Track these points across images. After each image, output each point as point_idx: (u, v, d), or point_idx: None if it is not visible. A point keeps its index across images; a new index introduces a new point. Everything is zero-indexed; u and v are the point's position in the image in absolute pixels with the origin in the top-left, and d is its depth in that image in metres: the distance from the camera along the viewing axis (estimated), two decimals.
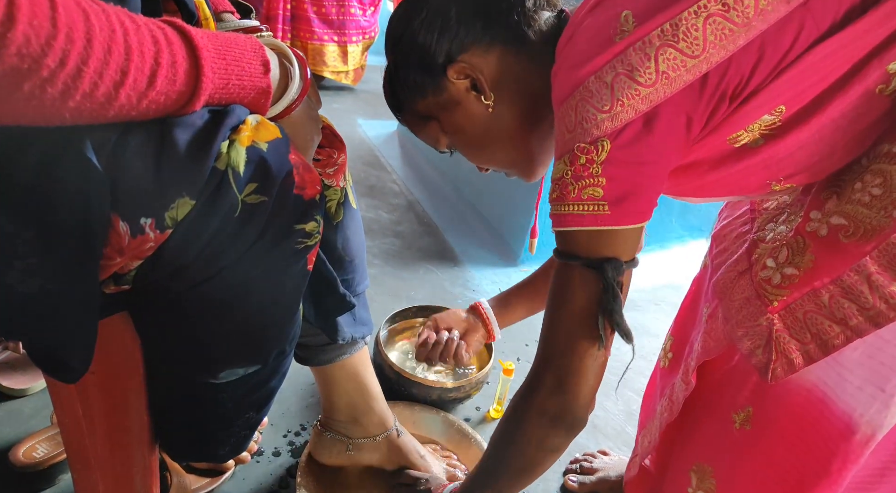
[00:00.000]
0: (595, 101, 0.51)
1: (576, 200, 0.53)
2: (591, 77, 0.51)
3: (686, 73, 0.49)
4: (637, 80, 0.49)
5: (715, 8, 0.47)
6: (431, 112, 0.69)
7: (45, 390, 1.01)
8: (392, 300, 1.47)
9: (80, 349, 0.48)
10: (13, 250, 0.43)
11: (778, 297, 0.56)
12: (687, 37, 0.48)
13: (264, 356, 0.60)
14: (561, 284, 0.57)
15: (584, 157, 0.52)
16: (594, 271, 0.54)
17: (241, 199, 0.48)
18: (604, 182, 0.52)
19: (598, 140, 0.51)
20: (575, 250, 0.55)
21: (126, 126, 0.43)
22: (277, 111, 0.53)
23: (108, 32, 0.36)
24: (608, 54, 0.51)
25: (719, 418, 0.66)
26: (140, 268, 0.48)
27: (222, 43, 0.45)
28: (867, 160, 0.52)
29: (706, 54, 0.48)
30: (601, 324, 0.54)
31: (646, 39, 0.49)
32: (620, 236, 0.54)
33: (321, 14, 2.92)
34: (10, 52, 0.31)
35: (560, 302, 0.57)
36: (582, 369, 0.56)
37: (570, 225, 0.54)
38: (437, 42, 0.63)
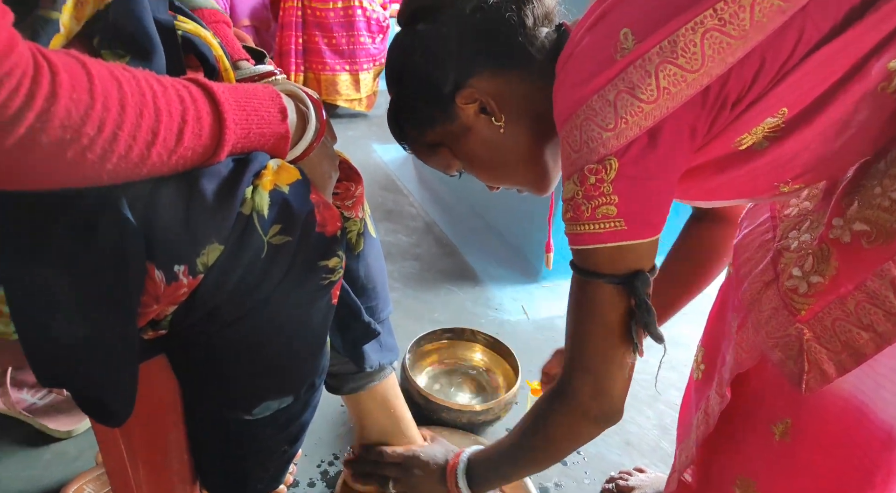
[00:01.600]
0: (599, 119, 0.52)
1: (590, 219, 0.54)
2: (594, 96, 0.52)
3: (687, 88, 0.49)
4: (639, 97, 0.50)
5: (711, 23, 0.47)
6: (441, 140, 0.69)
7: (89, 431, 1.04)
8: (415, 323, 1.49)
9: (122, 395, 0.50)
10: (57, 302, 0.45)
11: (805, 306, 0.56)
12: (685, 52, 0.48)
13: (296, 390, 0.62)
14: (588, 299, 0.58)
15: (593, 177, 0.53)
16: (623, 287, 0.55)
17: (267, 240, 0.51)
18: (616, 200, 0.52)
19: (605, 159, 0.52)
20: (597, 267, 0.56)
21: (157, 180, 0.45)
22: (297, 154, 0.55)
23: (139, 97, 0.39)
24: (610, 73, 0.51)
25: (759, 430, 0.65)
26: (175, 313, 0.50)
27: (242, 95, 0.48)
28: (885, 165, 0.52)
29: (705, 68, 0.49)
30: (635, 333, 0.56)
31: (646, 57, 0.49)
32: (641, 249, 0.55)
33: (332, 45, 2.99)
34: (54, 125, 0.34)
35: (589, 317, 0.58)
36: (618, 373, 0.58)
37: (588, 243, 0.55)
38: (442, 71, 0.64)
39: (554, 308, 1.62)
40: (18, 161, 0.35)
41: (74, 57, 0.37)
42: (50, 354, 0.47)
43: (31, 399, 1.06)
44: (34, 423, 1.02)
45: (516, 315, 1.58)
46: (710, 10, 0.47)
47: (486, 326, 1.49)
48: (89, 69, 0.36)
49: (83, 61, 0.36)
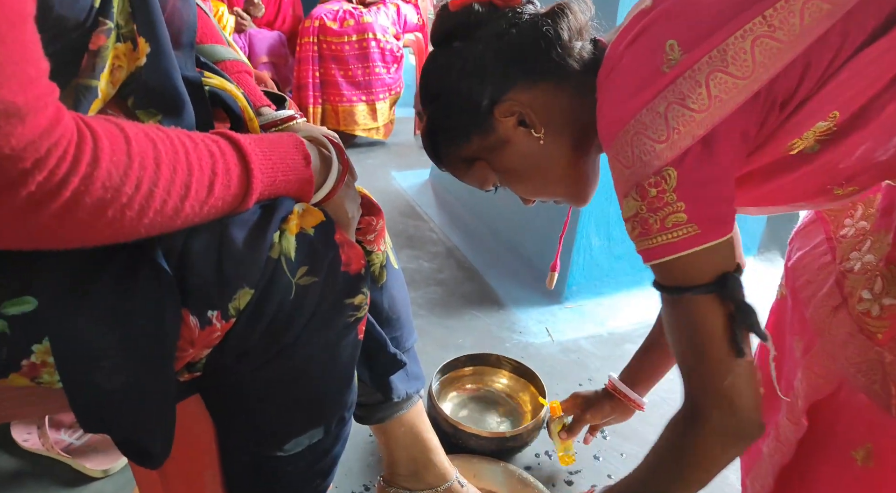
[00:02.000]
0: (651, 132, 0.52)
1: (661, 230, 0.53)
2: (643, 109, 0.52)
3: (738, 95, 0.50)
4: (690, 107, 0.50)
5: (761, 30, 0.48)
6: (479, 154, 0.69)
7: (124, 470, 1.06)
8: (441, 350, 1.49)
9: (161, 437, 0.52)
10: (99, 351, 0.47)
11: (881, 329, 0.55)
12: (736, 60, 0.49)
13: (326, 425, 0.63)
14: (684, 317, 0.56)
15: (654, 189, 0.52)
16: (716, 294, 0.54)
17: (295, 282, 0.52)
18: (683, 206, 0.52)
19: (662, 170, 0.52)
20: (683, 279, 0.54)
21: (190, 230, 0.48)
22: (321, 197, 0.57)
23: (172, 154, 0.41)
24: (658, 85, 0.51)
25: (838, 457, 0.63)
26: (209, 356, 0.52)
27: (267, 145, 0.50)
28: None
29: (755, 74, 0.49)
30: (741, 339, 0.54)
31: (695, 67, 0.50)
32: (720, 250, 0.53)
33: (348, 77, 3.06)
34: (96, 186, 0.37)
35: (692, 335, 0.56)
36: (741, 383, 0.55)
37: (665, 255, 0.54)
38: (479, 86, 0.64)
39: (578, 330, 1.61)
40: (63, 221, 0.37)
41: (113, 122, 0.39)
42: (93, 401, 0.49)
43: (68, 439, 1.09)
44: (72, 463, 1.05)
45: (541, 338, 1.57)
46: (760, 18, 0.48)
47: (510, 350, 1.49)
48: (126, 133, 0.39)
49: (121, 126, 0.39)
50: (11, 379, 0.48)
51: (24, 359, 0.47)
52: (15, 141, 0.32)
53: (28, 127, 0.33)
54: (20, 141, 0.33)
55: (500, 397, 1.29)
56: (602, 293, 1.76)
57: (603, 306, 1.73)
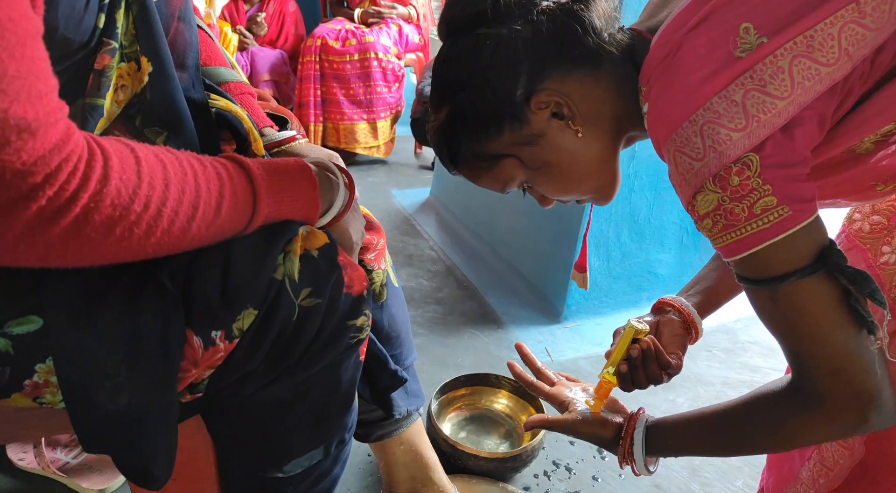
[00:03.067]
0: (726, 120, 0.49)
1: (750, 218, 0.50)
2: (715, 97, 0.49)
3: (820, 82, 0.48)
4: (772, 93, 0.48)
5: (851, 16, 0.46)
6: (508, 150, 0.63)
7: (120, 490, 1.05)
8: (440, 369, 1.49)
9: (162, 458, 0.52)
10: (103, 372, 0.48)
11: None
12: (823, 46, 0.47)
13: (326, 447, 0.63)
14: (793, 306, 0.52)
15: (736, 178, 0.49)
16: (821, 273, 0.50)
17: (298, 303, 0.53)
18: (770, 189, 0.49)
19: (742, 157, 0.49)
20: (780, 266, 0.51)
21: (195, 252, 0.48)
22: (326, 222, 0.58)
23: (181, 176, 0.42)
24: (733, 71, 0.49)
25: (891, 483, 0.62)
26: (212, 376, 0.52)
27: (274, 169, 0.51)
28: None
29: (840, 62, 0.47)
30: (863, 311, 0.50)
31: (777, 53, 0.47)
32: (812, 229, 0.51)
33: (349, 96, 3.09)
34: (105, 204, 0.37)
35: (807, 323, 0.52)
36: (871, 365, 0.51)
37: (759, 243, 0.50)
38: (513, 75, 0.59)
39: (577, 350, 1.61)
40: (72, 238, 0.38)
41: (123, 142, 0.40)
42: (95, 422, 0.49)
43: (64, 458, 1.08)
44: (68, 482, 1.04)
45: (540, 358, 1.56)
46: (853, 4, 0.46)
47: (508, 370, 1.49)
48: (136, 152, 0.40)
49: (131, 146, 0.40)
50: (14, 399, 0.48)
51: (26, 379, 0.47)
52: (26, 156, 0.33)
53: (39, 142, 0.34)
54: (31, 156, 0.33)
55: (499, 418, 1.28)
56: (601, 313, 1.76)
57: (602, 326, 1.72)
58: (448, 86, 0.63)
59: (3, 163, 0.32)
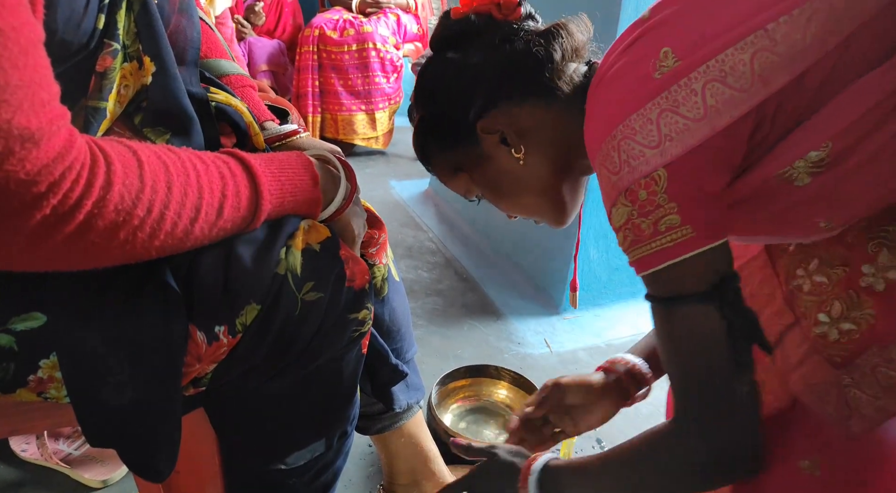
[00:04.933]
0: (640, 137, 0.50)
1: (654, 235, 0.51)
2: (633, 115, 0.51)
3: (734, 107, 0.48)
4: (684, 115, 0.49)
5: (762, 43, 0.47)
6: (462, 165, 0.69)
7: (123, 481, 1.06)
8: (440, 361, 1.50)
9: (166, 452, 0.52)
10: (107, 367, 0.48)
11: (839, 353, 0.54)
12: (734, 72, 0.48)
13: (328, 439, 0.64)
14: (678, 329, 0.53)
15: (644, 191, 0.51)
16: (712, 303, 0.51)
17: (300, 298, 0.53)
18: (676, 208, 0.50)
19: (650, 173, 0.50)
20: (676, 288, 0.52)
21: (197, 248, 0.48)
22: (327, 215, 0.58)
23: (184, 177, 0.42)
24: (649, 91, 0.50)
25: (786, 464, 0.63)
26: (215, 371, 0.53)
27: (277, 166, 0.51)
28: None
29: (754, 88, 0.48)
30: (741, 346, 0.51)
31: (691, 75, 0.49)
32: (716, 255, 0.51)
33: (348, 87, 3.07)
34: (109, 209, 0.37)
35: (687, 349, 0.52)
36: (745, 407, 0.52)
37: (660, 262, 0.51)
38: (468, 99, 0.64)
39: (577, 341, 1.61)
40: (76, 244, 0.38)
41: (125, 144, 0.40)
42: (100, 416, 0.49)
43: (67, 449, 1.09)
44: (70, 473, 1.05)
45: (539, 349, 1.58)
46: (762, 31, 0.47)
47: (509, 361, 1.50)
48: (139, 156, 0.40)
49: (133, 149, 0.40)
50: (19, 394, 0.49)
51: (31, 374, 0.47)
52: (30, 165, 0.33)
53: (42, 151, 0.33)
54: (35, 165, 0.33)
55: (499, 409, 1.29)
56: (600, 305, 1.77)
57: (601, 318, 1.73)
58: (420, 96, 0.70)
59: (7, 173, 0.32)
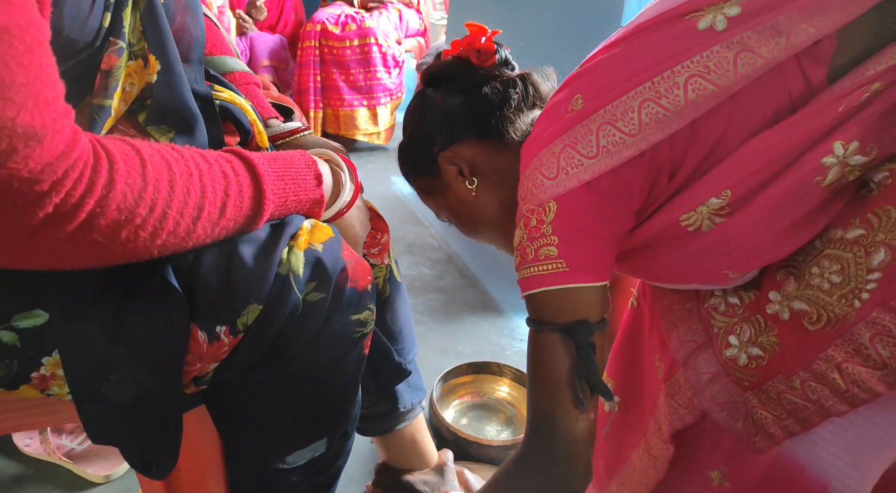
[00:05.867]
0: (544, 169, 0.55)
1: (534, 261, 0.55)
2: (543, 150, 0.55)
3: (625, 149, 0.52)
4: (581, 151, 0.53)
5: (649, 94, 0.51)
6: (429, 189, 0.77)
7: (125, 477, 1.07)
8: (441, 357, 1.50)
9: (168, 449, 0.52)
10: (108, 365, 0.48)
11: (748, 379, 0.56)
12: (624, 117, 0.52)
13: (329, 439, 0.64)
14: (535, 351, 0.58)
15: (534, 219, 0.55)
16: (566, 335, 0.55)
17: (303, 298, 0.53)
18: (556, 241, 0.54)
19: (545, 202, 0.55)
20: (544, 314, 0.56)
21: (199, 248, 0.48)
22: (330, 215, 0.58)
23: (187, 176, 0.42)
24: (559, 130, 0.55)
25: (697, 475, 0.66)
26: (216, 370, 0.53)
27: (280, 165, 0.51)
28: (820, 243, 0.53)
29: (643, 134, 0.51)
30: (579, 386, 0.55)
31: (591, 117, 0.53)
32: (585, 295, 0.55)
33: (349, 82, 3.06)
34: (111, 208, 0.37)
35: (538, 369, 0.57)
36: (570, 435, 0.56)
37: (534, 287, 0.56)
38: (434, 133, 0.72)
39: None
40: (78, 243, 0.38)
41: (128, 143, 0.40)
42: (102, 413, 0.49)
43: (69, 444, 1.09)
44: (73, 468, 1.05)
45: None
46: (649, 82, 0.51)
47: (511, 357, 1.50)
48: (142, 154, 0.39)
49: (136, 147, 0.40)
50: (21, 391, 0.49)
51: (34, 371, 0.48)
52: (33, 164, 0.33)
53: (46, 149, 0.33)
54: (38, 163, 0.33)
55: (501, 406, 1.29)
56: None
57: None
58: (404, 124, 0.78)
59: (10, 171, 0.32)
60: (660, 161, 0.53)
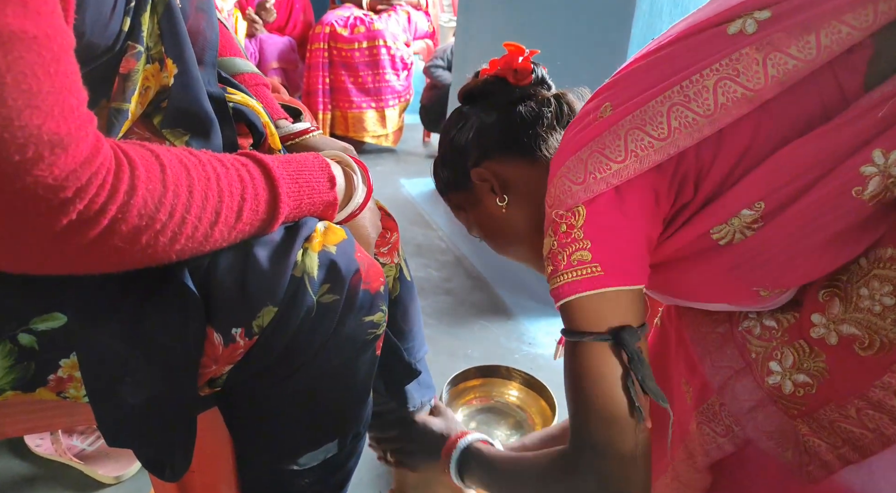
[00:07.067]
0: (572, 175, 0.54)
1: (567, 267, 0.54)
2: (571, 157, 0.55)
3: (654, 154, 0.52)
4: (608, 156, 0.53)
5: (678, 98, 0.50)
6: (461, 204, 0.78)
7: (136, 477, 1.07)
8: (450, 360, 1.50)
9: (181, 451, 0.52)
10: (124, 366, 0.48)
11: (796, 408, 0.54)
12: (653, 122, 0.51)
13: (341, 440, 0.64)
14: (579, 364, 0.55)
15: (564, 224, 0.54)
16: (611, 343, 0.53)
17: (317, 300, 0.53)
18: (589, 245, 0.53)
19: (574, 207, 0.54)
20: (582, 323, 0.54)
21: (215, 251, 0.48)
22: (343, 217, 0.58)
23: (204, 181, 0.42)
24: (587, 137, 0.55)
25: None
26: (230, 372, 0.53)
27: (295, 168, 0.51)
28: (867, 263, 0.51)
29: (672, 138, 0.51)
30: (634, 394, 0.53)
31: (619, 123, 0.53)
32: (623, 298, 0.53)
33: (358, 84, 3.07)
34: (132, 214, 0.37)
35: (583, 384, 0.55)
36: (626, 446, 0.53)
37: (569, 294, 0.54)
38: (468, 149, 0.73)
39: None
40: (99, 248, 0.38)
41: (148, 149, 0.40)
42: (118, 416, 0.49)
43: (80, 445, 1.10)
44: (84, 469, 1.06)
45: (551, 350, 1.57)
46: (678, 87, 0.50)
47: (520, 361, 1.50)
48: (162, 160, 0.40)
49: (156, 153, 0.40)
50: (38, 393, 0.49)
51: (51, 374, 0.48)
52: (58, 170, 0.33)
53: (70, 156, 0.34)
54: (63, 170, 0.33)
55: (510, 409, 1.29)
56: None
57: None
58: (440, 139, 0.80)
59: (35, 178, 0.32)
60: (684, 168, 0.52)
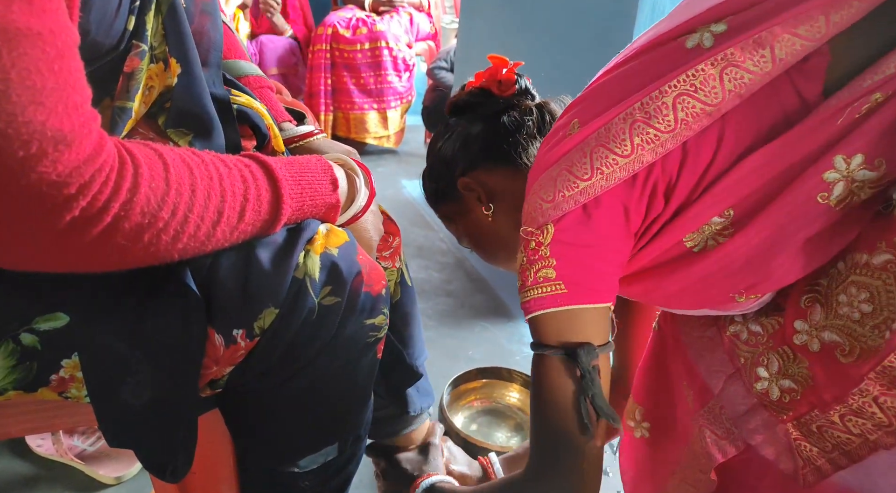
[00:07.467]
0: (543, 193, 0.55)
1: (534, 283, 0.55)
2: (543, 175, 0.56)
3: (619, 171, 0.52)
4: (575, 174, 0.54)
5: (639, 116, 0.51)
6: (450, 215, 0.80)
7: (137, 478, 1.07)
8: (451, 362, 1.50)
9: (182, 452, 0.53)
10: (127, 368, 0.48)
11: (784, 412, 0.55)
12: (616, 139, 0.52)
13: (341, 443, 0.64)
14: (538, 376, 0.57)
15: (532, 241, 0.55)
16: (569, 359, 0.55)
17: (318, 302, 0.53)
18: (554, 263, 0.54)
19: (543, 225, 0.55)
20: (546, 337, 0.56)
21: (217, 252, 0.48)
22: (345, 219, 0.58)
23: (207, 181, 0.42)
24: (556, 154, 0.56)
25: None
26: (231, 373, 0.53)
27: (297, 170, 0.51)
28: (845, 267, 0.50)
29: (636, 155, 0.51)
30: (584, 410, 0.54)
31: (585, 140, 0.54)
32: (586, 317, 0.55)
33: (360, 85, 3.07)
34: (135, 212, 0.37)
35: (542, 395, 0.57)
36: (574, 460, 0.55)
37: (535, 310, 0.55)
38: (455, 159, 0.75)
39: None
40: (102, 246, 0.38)
41: (151, 147, 0.40)
42: (119, 416, 0.50)
43: (81, 445, 1.10)
44: (85, 469, 1.06)
45: None
46: (638, 104, 0.51)
47: (521, 363, 1.49)
48: (165, 159, 0.40)
49: (160, 152, 0.40)
50: (40, 393, 0.49)
51: (53, 374, 0.48)
52: (62, 167, 0.33)
53: (74, 153, 0.34)
54: (66, 167, 0.33)
55: (511, 411, 1.29)
56: None
57: None
58: (428, 150, 0.82)
59: (39, 175, 0.32)
60: (653, 180, 0.53)
